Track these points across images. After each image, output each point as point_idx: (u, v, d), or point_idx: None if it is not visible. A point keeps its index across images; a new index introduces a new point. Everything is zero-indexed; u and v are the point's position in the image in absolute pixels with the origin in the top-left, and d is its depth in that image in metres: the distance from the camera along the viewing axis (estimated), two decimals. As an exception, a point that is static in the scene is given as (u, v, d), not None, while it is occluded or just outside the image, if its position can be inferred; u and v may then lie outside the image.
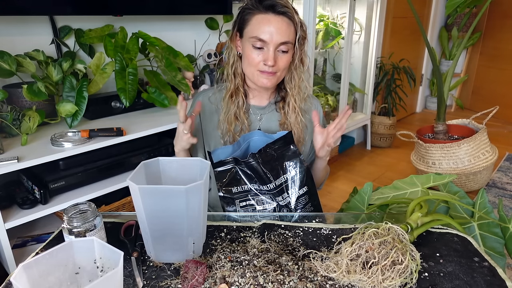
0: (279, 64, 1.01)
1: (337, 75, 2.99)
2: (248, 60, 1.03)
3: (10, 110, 1.31)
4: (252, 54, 1.01)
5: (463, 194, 1.05)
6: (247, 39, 1.01)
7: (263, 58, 1.00)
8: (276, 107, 1.15)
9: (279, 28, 0.97)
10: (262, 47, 0.99)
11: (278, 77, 1.05)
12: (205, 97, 1.15)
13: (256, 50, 1.00)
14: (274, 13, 0.97)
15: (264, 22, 0.98)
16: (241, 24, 1.03)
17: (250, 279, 0.66)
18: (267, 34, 0.97)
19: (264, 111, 1.15)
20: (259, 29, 0.98)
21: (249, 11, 1.00)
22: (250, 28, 1.00)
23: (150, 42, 1.63)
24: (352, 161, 3.09)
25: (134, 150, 1.54)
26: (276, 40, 0.98)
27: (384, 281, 0.65)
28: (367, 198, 1.09)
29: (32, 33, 1.53)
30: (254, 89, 1.12)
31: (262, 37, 0.98)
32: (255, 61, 1.01)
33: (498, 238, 0.94)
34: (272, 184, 0.98)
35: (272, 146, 1.00)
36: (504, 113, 3.70)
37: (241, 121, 1.10)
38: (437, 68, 2.52)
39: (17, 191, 1.35)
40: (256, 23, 0.99)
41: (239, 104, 1.09)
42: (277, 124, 1.15)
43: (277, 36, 0.97)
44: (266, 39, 0.98)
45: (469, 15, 3.97)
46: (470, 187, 2.47)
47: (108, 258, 0.58)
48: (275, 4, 0.97)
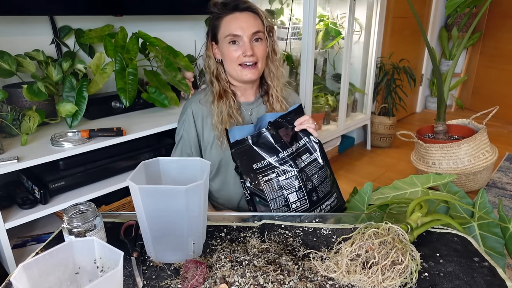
0: (256, 53, 1.10)
1: (337, 75, 2.99)
2: (228, 58, 1.11)
3: (10, 110, 1.31)
4: (231, 51, 1.10)
5: (463, 194, 1.05)
6: (222, 40, 1.10)
7: (242, 51, 1.08)
8: (263, 100, 1.23)
9: (247, 21, 1.08)
10: (237, 41, 1.08)
11: (259, 69, 1.13)
12: (196, 104, 1.19)
13: (233, 46, 1.09)
14: (239, 11, 1.08)
15: (233, 20, 1.08)
16: (213, 31, 1.13)
17: (250, 279, 0.66)
18: (239, 29, 1.07)
19: (253, 106, 1.21)
20: (231, 27, 1.08)
21: (217, 16, 1.11)
22: (222, 30, 1.10)
23: (150, 42, 1.63)
24: (352, 161, 3.09)
25: (134, 150, 1.54)
26: (249, 31, 1.07)
27: (384, 281, 0.65)
28: (367, 198, 1.09)
29: (32, 33, 1.53)
30: (240, 87, 1.19)
31: (235, 32, 1.07)
32: (234, 56, 1.10)
33: (498, 238, 0.94)
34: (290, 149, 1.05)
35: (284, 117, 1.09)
36: (504, 113, 3.70)
37: (235, 118, 1.16)
38: (437, 68, 2.52)
39: (17, 191, 1.35)
40: (226, 23, 1.09)
41: (230, 104, 1.15)
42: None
43: (247, 28, 1.07)
44: (239, 33, 1.07)
45: (469, 15, 3.97)
46: (470, 187, 2.47)
47: (108, 258, 0.58)
48: (237, 3, 1.08)
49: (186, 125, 1.19)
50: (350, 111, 3.11)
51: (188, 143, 1.20)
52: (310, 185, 1.04)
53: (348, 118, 3.05)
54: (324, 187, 1.08)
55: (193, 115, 1.18)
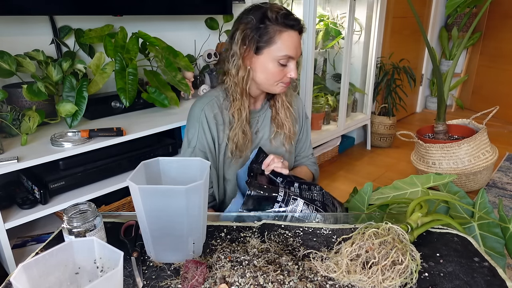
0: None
1: (337, 75, 2.99)
2: (269, 76, 1.05)
3: (10, 110, 1.31)
4: (278, 70, 1.03)
5: (463, 194, 1.05)
6: (272, 56, 1.02)
7: (288, 71, 1.04)
8: (269, 104, 1.19)
9: (299, 43, 1.04)
10: (286, 63, 1.03)
11: None
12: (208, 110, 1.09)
13: (281, 66, 1.03)
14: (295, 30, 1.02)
15: (291, 40, 1.01)
16: (261, 41, 1.01)
17: (250, 279, 0.66)
18: (294, 50, 1.02)
19: (260, 114, 1.18)
20: (289, 47, 1.01)
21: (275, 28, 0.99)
22: (277, 47, 1.01)
23: (150, 42, 1.63)
24: (352, 161, 3.09)
25: (134, 150, 1.54)
26: (298, 54, 1.04)
27: (384, 281, 0.65)
28: (367, 198, 1.09)
29: (32, 33, 1.53)
30: (251, 97, 1.14)
31: (291, 54, 1.01)
32: (279, 76, 1.04)
33: (498, 238, 0.94)
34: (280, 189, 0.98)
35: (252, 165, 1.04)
36: (504, 113, 3.70)
37: (247, 133, 1.12)
38: (437, 68, 2.52)
39: (17, 191, 1.35)
40: (284, 41, 1.00)
41: (247, 117, 1.11)
42: (269, 121, 1.19)
43: (299, 50, 1.04)
44: (294, 56, 1.02)
45: (469, 15, 3.97)
46: (470, 187, 2.47)
47: (108, 258, 0.58)
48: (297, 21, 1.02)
49: (200, 134, 1.09)
50: (350, 111, 3.11)
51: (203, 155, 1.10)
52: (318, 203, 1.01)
53: (348, 118, 3.05)
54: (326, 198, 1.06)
55: (207, 121, 1.09)
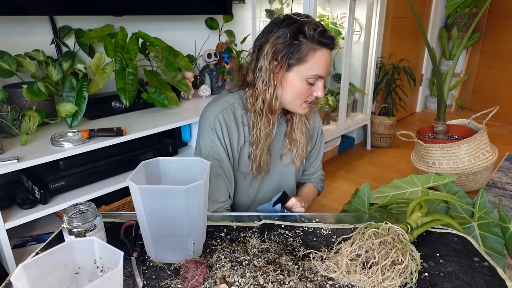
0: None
1: (337, 75, 2.99)
2: (296, 94, 0.99)
3: (10, 110, 1.31)
4: (305, 89, 0.98)
5: (463, 194, 1.05)
6: (302, 74, 0.96)
7: (314, 90, 0.99)
8: (285, 119, 1.13)
9: (330, 61, 0.98)
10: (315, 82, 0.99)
11: None
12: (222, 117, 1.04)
13: (309, 85, 0.98)
14: (328, 48, 0.96)
15: (323, 59, 0.96)
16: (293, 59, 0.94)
17: (250, 279, 0.66)
18: (326, 69, 0.97)
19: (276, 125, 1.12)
20: (321, 66, 0.96)
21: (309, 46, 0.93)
22: (310, 66, 0.95)
23: (150, 42, 1.63)
24: (352, 161, 3.09)
25: (134, 150, 1.54)
26: (328, 73, 1.00)
27: (384, 281, 0.65)
28: (366, 199, 1.09)
29: (32, 33, 1.53)
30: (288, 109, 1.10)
31: (322, 74, 0.97)
32: (306, 95, 0.99)
33: (498, 238, 0.94)
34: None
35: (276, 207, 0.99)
36: (504, 113, 3.70)
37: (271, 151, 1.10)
38: (437, 68, 2.52)
39: (17, 191, 1.35)
40: (317, 60, 0.95)
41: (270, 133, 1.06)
42: (283, 135, 1.13)
43: (329, 69, 0.99)
44: (324, 76, 0.98)
45: (469, 15, 3.96)
46: (470, 187, 2.47)
47: (108, 258, 0.58)
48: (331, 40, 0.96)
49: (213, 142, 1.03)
50: (350, 111, 3.11)
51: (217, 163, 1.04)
52: None
53: (348, 118, 3.05)
54: None
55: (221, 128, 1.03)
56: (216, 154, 1.04)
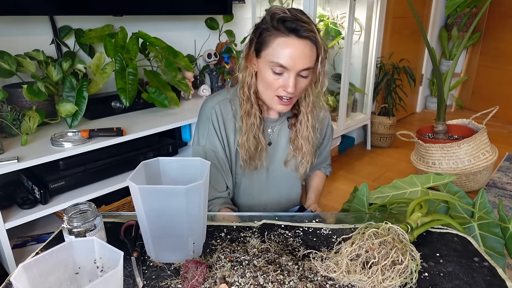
0: (297, 89, 0.95)
1: (337, 75, 2.99)
2: (266, 84, 0.96)
3: (10, 110, 1.31)
4: (271, 79, 0.94)
5: (463, 194, 1.05)
6: (266, 62, 0.93)
7: (283, 83, 0.93)
8: (288, 124, 1.10)
9: (302, 54, 0.89)
10: (282, 72, 0.93)
11: (294, 101, 1.01)
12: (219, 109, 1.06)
13: (276, 75, 0.93)
14: (297, 36, 0.89)
15: (287, 47, 0.89)
16: (259, 45, 0.94)
17: (250, 279, 0.66)
18: (289, 60, 0.90)
19: (275, 124, 1.10)
20: (280, 53, 0.90)
21: (270, 32, 0.91)
22: (270, 51, 0.92)
23: (150, 42, 1.63)
24: (352, 161, 3.09)
25: (134, 150, 1.54)
26: (298, 67, 0.91)
27: (384, 281, 0.65)
28: (365, 199, 1.09)
29: (32, 33, 1.53)
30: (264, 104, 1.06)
31: (283, 63, 0.90)
32: (274, 86, 0.95)
33: (498, 238, 0.94)
34: None
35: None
36: (504, 113, 3.70)
37: (259, 140, 1.06)
38: (437, 68, 2.52)
39: (17, 191, 1.35)
40: (277, 46, 0.90)
41: (257, 124, 1.03)
42: (287, 140, 1.12)
43: (299, 62, 0.90)
44: (287, 66, 0.90)
45: (469, 15, 3.97)
46: (470, 187, 2.47)
47: (108, 258, 0.58)
48: (299, 27, 0.88)
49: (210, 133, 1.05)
50: (350, 111, 3.11)
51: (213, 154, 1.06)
52: None
53: (348, 118, 3.05)
54: None
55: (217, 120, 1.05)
56: (212, 144, 1.05)
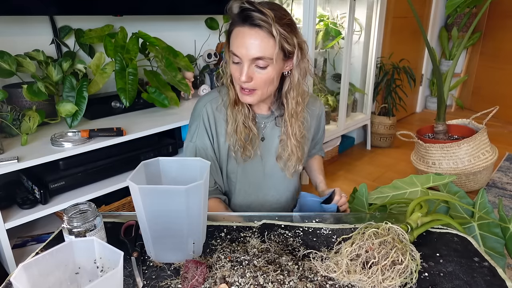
0: (256, 81, 0.93)
1: (337, 75, 2.99)
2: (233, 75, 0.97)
3: (10, 110, 1.31)
4: (233, 69, 0.95)
5: (463, 194, 1.05)
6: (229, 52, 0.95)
7: (240, 73, 0.93)
8: (276, 121, 1.09)
9: (253, 43, 0.88)
10: (239, 62, 0.93)
11: (260, 94, 0.97)
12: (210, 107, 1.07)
13: (235, 65, 0.94)
14: (249, 25, 0.88)
15: (240, 36, 0.90)
16: (228, 36, 0.96)
17: (250, 279, 0.66)
18: (241, 48, 0.90)
19: (268, 120, 1.10)
20: (235, 43, 0.91)
21: (232, 22, 0.93)
22: (231, 41, 0.93)
23: (150, 42, 1.63)
24: (352, 161, 3.09)
25: (134, 150, 1.54)
26: (249, 55, 0.89)
27: (384, 281, 0.65)
28: (365, 200, 1.09)
29: (32, 33, 1.53)
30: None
31: (236, 52, 0.91)
32: (235, 76, 0.95)
33: (498, 238, 0.94)
34: None
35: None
36: (504, 113, 3.70)
37: (250, 128, 1.05)
38: (437, 68, 2.52)
39: (17, 191, 1.35)
40: (234, 36, 0.92)
41: (245, 113, 1.04)
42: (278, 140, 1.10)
43: (250, 51, 0.89)
44: (239, 55, 0.91)
45: (469, 15, 3.97)
46: (470, 187, 2.46)
47: (108, 258, 0.58)
48: (251, 15, 0.87)
49: (200, 131, 1.06)
50: (350, 111, 3.11)
51: (203, 152, 1.06)
52: None
53: (348, 118, 3.05)
54: None
55: (208, 118, 1.05)
56: (202, 142, 1.06)
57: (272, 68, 0.93)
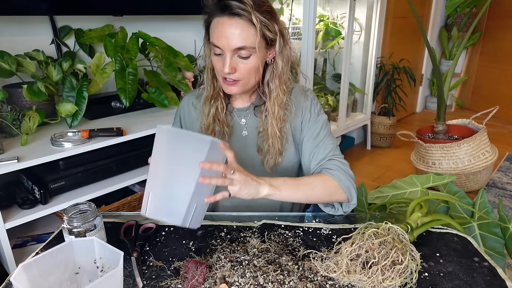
0: (240, 71, 0.91)
1: (337, 75, 2.99)
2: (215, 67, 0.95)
3: (10, 110, 1.31)
4: (214, 61, 0.93)
5: (463, 194, 1.05)
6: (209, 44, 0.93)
7: (223, 64, 0.90)
8: (255, 112, 1.05)
9: (233, 33, 0.86)
10: (220, 53, 0.90)
11: (243, 84, 0.95)
12: (189, 103, 1.08)
13: (216, 57, 0.92)
14: (227, 14, 0.86)
15: (219, 27, 0.88)
16: (206, 29, 0.95)
17: (250, 279, 0.66)
18: (222, 39, 0.87)
19: (246, 114, 1.06)
20: (215, 34, 0.89)
21: (210, 12, 0.90)
22: (210, 33, 0.91)
23: (150, 42, 1.63)
24: (352, 161, 3.09)
25: (134, 150, 1.54)
26: (231, 46, 0.87)
27: (384, 281, 0.65)
28: (365, 200, 1.09)
29: (32, 33, 1.53)
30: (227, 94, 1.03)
31: (216, 43, 0.89)
32: (217, 67, 0.93)
33: (498, 238, 0.94)
34: None
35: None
36: (504, 113, 3.70)
37: (221, 122, 1.02)
38: (437, 68, 2.52)
39: (17, 191, 1.35)
40: (214, 27, 0.89)
41: (218, 107, 1.02)
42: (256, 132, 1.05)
43: (231, 41, 0.87)
44: (220, 46, 0.88)
45: (469, 15, 3.97)
46: (470, 187, 2.47)
47: (108, 258, 0.58)
48: (229, 4, 0.84)
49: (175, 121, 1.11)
50: (350, 111, 3.11)
51: None
52: None
53: (348, 118, 3.05)
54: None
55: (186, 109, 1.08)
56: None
57: (255, 57, 0.90)
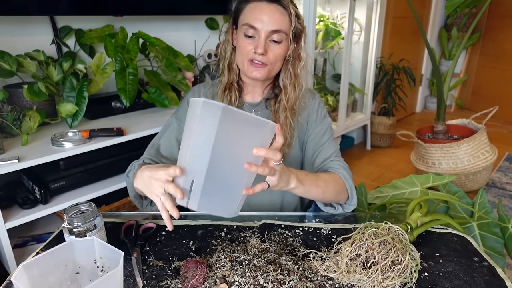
0: (269, 55, 0.97)
1: (337, 75, 2.99)
2: (240, 49, 1.00)
3: (11, 110, 1.31)
4: (244, 43, 0.98)
5: (462, 194, 1.05)
6: (240, 27, 0.99)
7: (254, 46, 0.96)
8: (266, 104, 1.09)
9: (271, 16, 0.94)
10: (253, 35, 0.96)
11: (269, 70, 1.00)
12: (199, 92, 1.12)
13: (248, 39, 0.97)
14: (267, 1, 0.95)
15: (257, 10, 0.95)
16: (236, 14, 1.02)
17: (250, 279, 0.66)
18: (259, 21, 0.95)
19: (257, 108, 1.09)
20: (251, 16, 0.96)
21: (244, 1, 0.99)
22: (243, 16, 0.98)
23: (150, 42, 1.64)
24: (352, 161, 3.09)
25: (134, 150, 1.54)
26: (268, 27, 0.95)
27: (384, 281, 0.65)
28: (364, 200, 1.09)
29: (33, 33, 1.53)
30: (248, 84, 1.07)
31: (253, 24, 0.95)
32: (246, 50, 0.98)
33: (498, 238, 0.94)
34: None
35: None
36: (504, 113, 3.70)
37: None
38: (437, 68, 2.52)
39: (18, 191, 1.35)
40: (249, 10, 0.97)
41: (231, 100, 1.05)
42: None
43: (268, 24, 0.95)
44: (257, 27, 0.95)
45: (469, 15, 3.96)
46: (470, 187, 2.47)
47: (108, 258, 0.58)
48: None
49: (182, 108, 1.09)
50: (350, 111, 3.11)
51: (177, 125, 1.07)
52: None
53: (348, 118, 3.05)
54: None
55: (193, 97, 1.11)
56: (180, 117, 1.09)
57: (285, 44, 0.98)
